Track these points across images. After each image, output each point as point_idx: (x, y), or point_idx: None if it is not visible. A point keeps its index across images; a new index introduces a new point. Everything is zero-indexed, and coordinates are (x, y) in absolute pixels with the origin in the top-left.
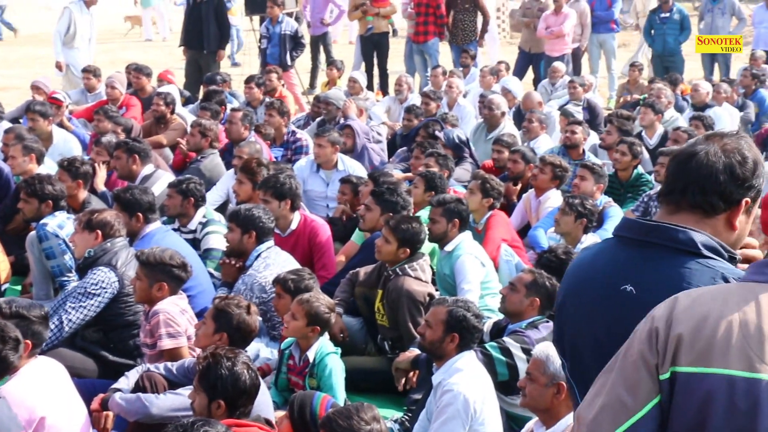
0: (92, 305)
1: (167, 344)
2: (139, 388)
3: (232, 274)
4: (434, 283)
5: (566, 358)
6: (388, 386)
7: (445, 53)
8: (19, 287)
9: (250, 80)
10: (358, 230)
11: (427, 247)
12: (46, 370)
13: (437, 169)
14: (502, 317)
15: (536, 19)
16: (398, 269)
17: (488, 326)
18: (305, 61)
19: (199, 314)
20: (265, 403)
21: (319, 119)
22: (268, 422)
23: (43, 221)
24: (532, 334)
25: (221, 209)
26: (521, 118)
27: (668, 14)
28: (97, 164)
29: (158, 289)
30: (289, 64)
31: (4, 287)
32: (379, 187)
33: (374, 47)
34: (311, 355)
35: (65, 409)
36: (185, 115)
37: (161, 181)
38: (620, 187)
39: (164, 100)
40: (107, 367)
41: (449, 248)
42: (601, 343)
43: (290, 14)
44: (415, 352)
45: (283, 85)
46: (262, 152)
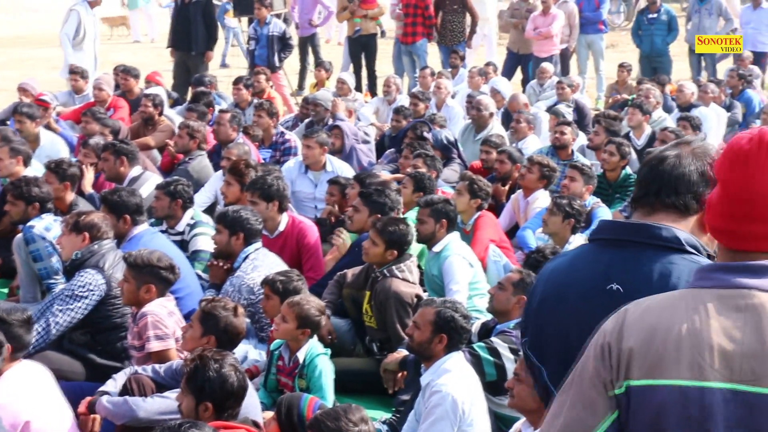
0: (79, 308)
1: (155, 346)
2: (126, 390)
3: (219, 275)
4: (422, 283)
5: (545, 363)
6: (376, 387)
7: (433, 54)
8: (6, 290)
9: (238, 81)
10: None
11: (416, 248)
12: (29, 373)
13: (425, 170)
14: (490, 318)
15: (524, 20)
16: (386, 270)
17: (476, 327)
18: (294, 62)
19: (187, 316)
20: (252, 404)
21: (307, 120)
22: (255, 424)
23: (29, 223)
24: (519, 334)
25: (209, 211)
26: (510, 118)
27: (656, 15)
28: (84, 166)
29: (146, 291)
30: (277, 65)
31: None
32: (366, 188)
33: (362, 48)
34: (301, 356)
35: (51, 412)
36: (173, 116)
37: (149, 182)
38: (608, 187)
39: (152, 101)
40: (95, 369)
41: (437, 249)
42: None
43: (278, 15)
44: (403, 353)
45: (271, 86)
46: (250, 154)
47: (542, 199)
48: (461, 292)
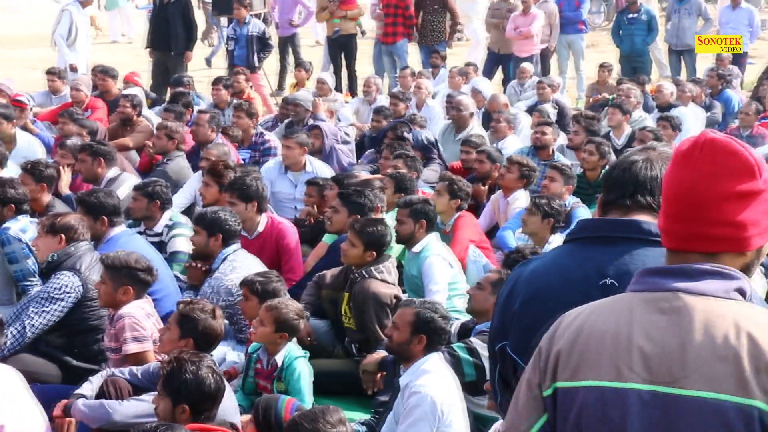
0: (55, 310)
1: (132, 348)
2: (102, 393)
3: (198, 277)
4: (402, 284)
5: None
6: (355, 388)
7: (413, 54)
8: None
9: (217, 82)
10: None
11: (397, 248)
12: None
13: (406, 170)
14: (469, 318)
15: (505, 19)
16: (364, 272)
17: (455, 327)
18: (273, 62)
19: (164, 318)
20: (230, 407)
21: (287, 121)
22: (233, 426)
23: (5, 225)
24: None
25: (188, 212)
26: (490, 119)
27: (636, 15)
28: (61, 167)
29: (123, 292)
30: (256, 65)
31: None
32: (345, 188)
33: (341, 49)
34: (279, 359)
35: (24, 416)
36: (152, 117)
37: (127, 184)
38: (588, 187)
39: (131, 102)
40: (70, 372)
41: (417, 249)
42: None
43: (258, 15)
44: (382, 354)
45: (250, 86)
46: (229, 154)
47: (522, 199)
48: (440, 292)
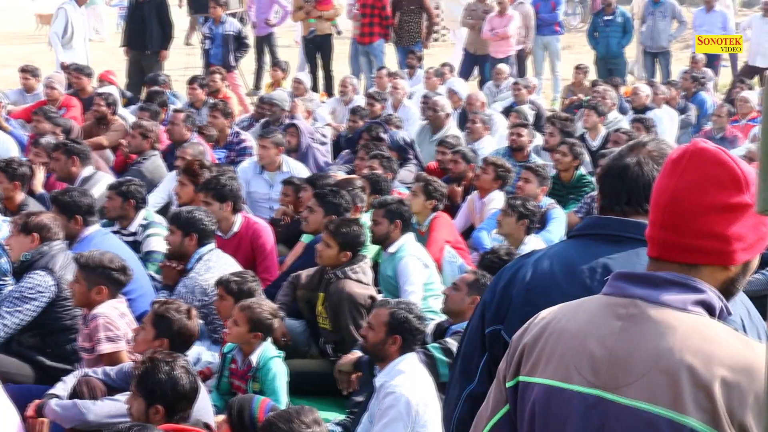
0: (29, 309)
1: (106, 348)
2: (76, 393)
3: (172, 277)
4: (378, 284)
5: None
6: (330, 389)
7: (390, 54)
8: None
9: (193, 81)
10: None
11: (373, 249)
12: None
13: (381, 171)
14: (444, 318)
15: (481, 21)
16: (339, 272)
17: (431, 328)
18: (250, 61)
19: (139, 318)
20: (204, 407)
21: (263, 120)
22: (207, 427)
23: None
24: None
25: (163, 212)
26: (466, 119)
27: (611, 17)
28: (35, 166)
29: (97, 292)
30: (232, 64)
31: None
32: (321, 189)
33: (317, 49)
34: (254, 359)
35: None
36: (127, 116)
37: (101, 183)
38: (562, 188)
39: (105, 100)
40: (44, 372)
41: (392, 250)
42: None
43: (234, 15)
44: (357, 354)
45: (227, 86)
46: (204, 154)
47: (498, 200)
48: (416, 293)
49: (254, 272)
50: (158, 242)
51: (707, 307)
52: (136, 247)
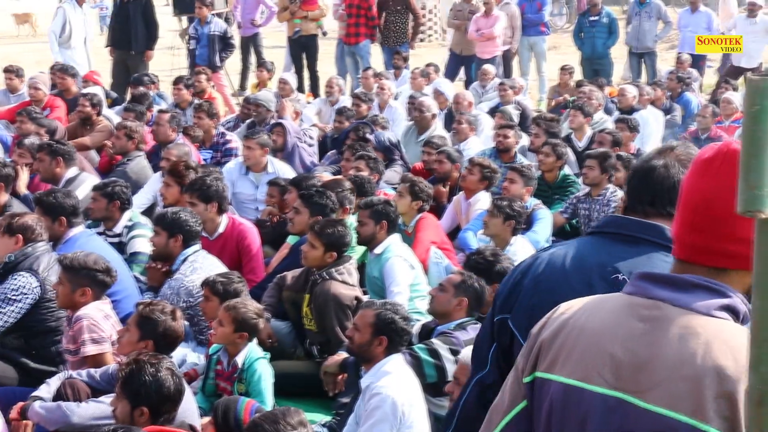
0: (13, 311)
1: (91, 350)
2: (60, 395)
3: (158, 278)
4: (364, 285)
5: None
6: (316, 390)
7: (376, 55)
8: None
9: (178, 81)
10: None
11: (359, 250)
12: None
13: (368, 172)
14: (430, 319)
15: (467, 21)
16: (325, 273)
17: (417, 328)
18: (235, 62)
19: (124, 319)
20: (190, 409)
21: (248, 121)
22: (192, 428)
23: None
24: (460, 335)
25: (149, 213)
26: (452, 120)
27: (597, 18)
28: (19, 167)
29: (81, 294)
30: (218, 65)
31: None
32: (306, 190)
33: (302, 49)
34: (240, 360)
35: None
36: (112, 116)
37: (86, 184)
38: (547, 188)
39: (90, 101)
40: (28, 374)
41: (378, 251)
42: None
43: (220, 15)
44: (343, 355)
45: (212, 86)
46: (190, 154)
47: (484, 200)
48: (402, 294)
49: (240, 273)
50: (143, 243)
51: (733, 311)
52: (121, 248)
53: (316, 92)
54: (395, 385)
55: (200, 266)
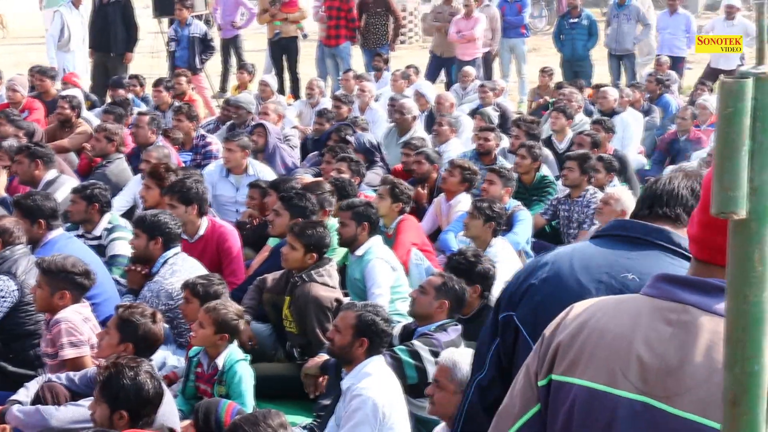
0: None
1: (69, 353)
2: (39, 399)
3: (137, 281)
4: (345, 287)
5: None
6: (297, 392)
7: (356, 57)
8: None
9: (158, 83)
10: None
11: (340, 252)
12: None
13: (348, 174)
14: (411, 321)
15: (447, 23)
16: (305, 275)
17: (398, 330)
18: (216, 64)
19: (103, 322)
20: (170, 412)
21: (229, 123)
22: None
23: None
24: (441, 336)
25: (129, 215)
26: (433, 122)
27: (577, 20)
28: None
29: (60, 297)
30: (198, 67)
31: None
32: (286, 192)
33: (283, 51)
34: (220, 362)
35: None
36: (91, 119)
37: (65, 186)
38: (525, 191)
39: (69, 103)
40: (6, 378)
41: (359, 252)
42: None
43: (200, 17)
44: (323, 357)
45: (192, 88)
46: (170, 157)
47: (464, 202)
48: (383, 295)
49: (220, 276)
50: (123, 246)
51: None
52: (100, 251)
53: (296, 94)
54: (376, 386)
55: (180, 269)
